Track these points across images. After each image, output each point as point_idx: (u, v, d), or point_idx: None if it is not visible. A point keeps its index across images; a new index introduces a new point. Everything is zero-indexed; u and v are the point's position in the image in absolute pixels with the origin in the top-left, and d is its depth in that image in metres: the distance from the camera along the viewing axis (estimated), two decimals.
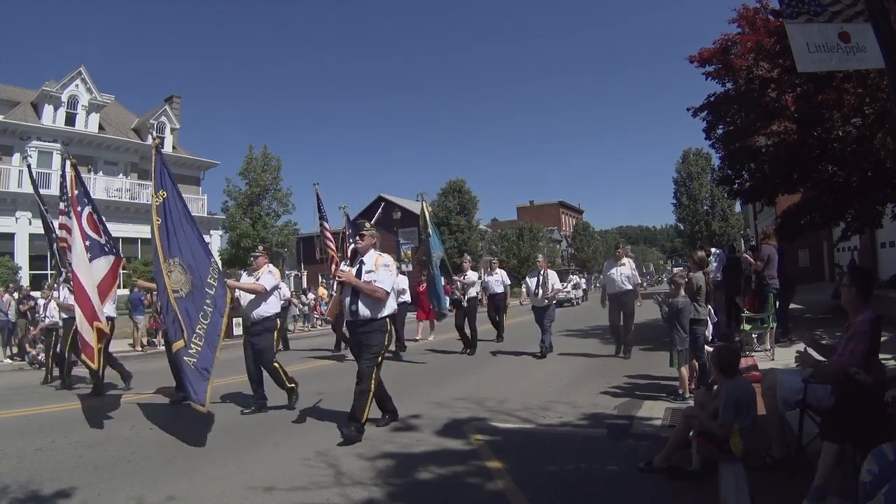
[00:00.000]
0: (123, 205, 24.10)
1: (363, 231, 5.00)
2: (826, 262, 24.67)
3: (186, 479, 3.79)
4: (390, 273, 4.81)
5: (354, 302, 4.70)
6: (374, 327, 4.70)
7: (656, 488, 3.37)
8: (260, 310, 5.81)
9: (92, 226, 6.59)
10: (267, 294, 5.84)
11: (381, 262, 4.81)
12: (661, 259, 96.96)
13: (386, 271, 4.78)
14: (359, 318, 4.70)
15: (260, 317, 5.82)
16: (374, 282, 4.69)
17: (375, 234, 5.12)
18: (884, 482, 2.19)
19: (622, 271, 8.63)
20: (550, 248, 50.91)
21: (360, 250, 4.98)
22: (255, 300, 5.81)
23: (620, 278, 8.59)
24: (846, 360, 3.02)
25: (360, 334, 4.76)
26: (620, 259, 8.76)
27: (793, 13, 4.12)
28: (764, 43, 9.04)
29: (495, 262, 12.16)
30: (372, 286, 4.67)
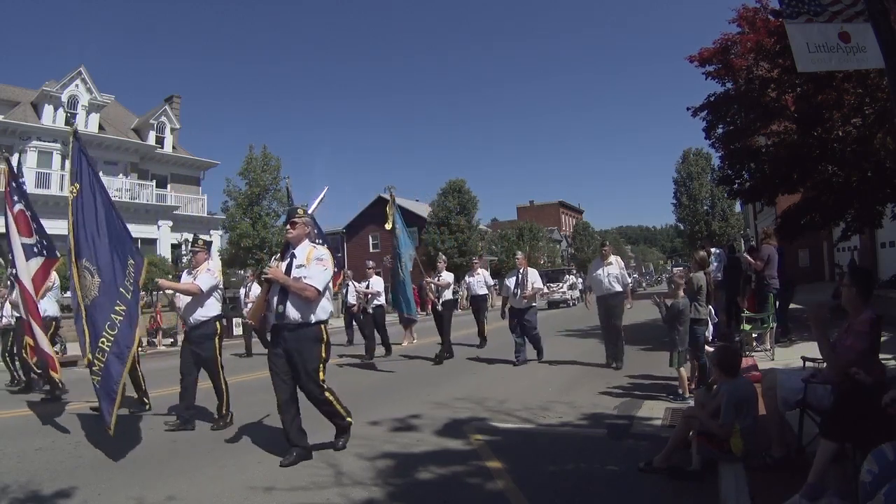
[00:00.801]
0: (123, 205, 24.06)
1: (294, 218, 4.25)
2: (826, 262, 24.68)
3: (186, 479, 3.79)
4: (324, 268, 4.07)
5: (282, 302, 4.02)
6: (306, 334, 4.01)
7: (656, 488, 3.37)
8: (197, 313, 5.21)
9: (23, 225, 6.10)
10: (204, 295, 5.20)
11: (314, 256, 4.09)
12: (661, 259, 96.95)
13: (319, 266, 4.06)
14: (286, 321, 4.01)
15: (197, 321, 5.21)
16: (304, 279, 4.00)
17: (310, 223, 4.48)
18: (884, 482, 2.19)
19: (610, 271, 7.83)
20: (550, 248, 50.93)
21: (291, 241, 4.25)
22: (193, 303, 5.22)
23: (608, 279, 7.80)
24: (844, 358, 3.02)
25: (289, 341, 4.05)
26: (607, 258, 7.97)
27: (793, 13, 4.13)
28: (764, 43, 9.04)
29: (476, 262, 11.52)
30: (301, 284, 3.97)
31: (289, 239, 4.24)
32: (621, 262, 8.09)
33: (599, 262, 8.08)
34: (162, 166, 27.35)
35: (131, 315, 4.38)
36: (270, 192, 22.94)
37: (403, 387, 7.25)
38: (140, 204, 24.83)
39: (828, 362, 3.18)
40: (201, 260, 5.39)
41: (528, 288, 8.37)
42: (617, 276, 7.82)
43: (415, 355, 10.10)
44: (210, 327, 5.23)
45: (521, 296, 8.39)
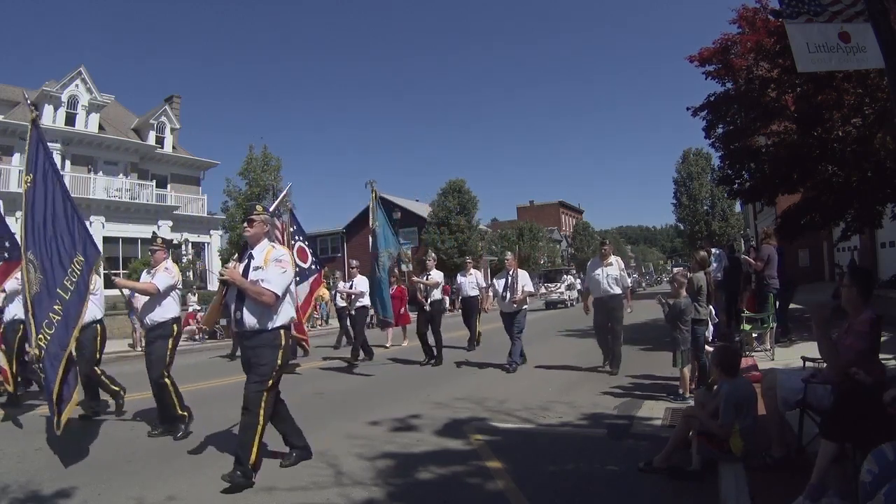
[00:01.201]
0: (123, 205, 24.10)
1: (252, 216, 3.96)
2: (826, 262, 24.67)
3: (186, 479, 3.79)
4: (282, 271, 3.77)
5: (239, 308, 3.74)
6: (263, 341, 3.72)
7: (656, 488, 3.37)
8: (154, 314, 5.01)
9: None
10: (161, 295, 5.00)
11: (272, 257, 3.80)
12: (661, 259, 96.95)
13: (277, 268, 3.76)
14: (244, 328, 3.74)
15: (154, 322, 5.00)
16: (262, 282, 3.71)
17: (269, 220, 4.14)
18: (884, 482, 2.19)
19: (609, 272, 7.39)
20: (550, 248, 50.92)
21: (249, 241, 3.96)
22: (149, 303, 5.03)
23: (607, 280, 7.35)
24: (844, 358, 3.02)
25: (247, 349, 3.81)
26: (607, 258, 7.50)
27: (793, 13, 4.12)
28: (764, 43, 9.04)
29: (469, 262, 11.12)
30: (257, 288, 3.67)
31: (246, 238, 3.98)
32: (621, 263, 7.65)
33: (598, 262, 7.62)
34: (162, 166, 27.33)
35: (69, 316, 4.16)
36: (270, 192, 22.93)
37: (403, 387, 7.25)
38: (140, 204, 24.81)
39: (828, 362, 3.18)
40: (160, 259, 5.20)
41: (518, 291, 7.98)
42: (616, 278, 7.39)
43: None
44: (167, 329, 5.01)
45: (511, 299, 7.97)
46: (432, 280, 9.23)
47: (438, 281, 9.30)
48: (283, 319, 3.81)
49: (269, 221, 4.04)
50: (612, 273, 7.42)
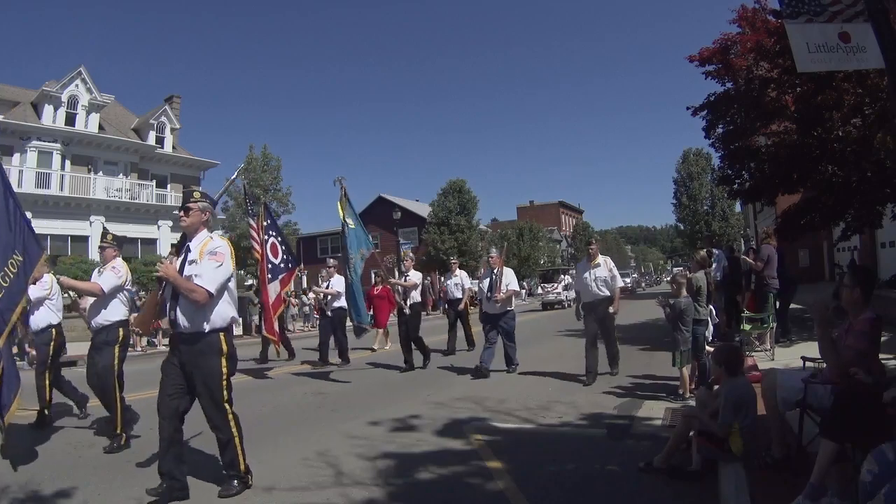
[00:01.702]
0: (123, 205, 24.11)
1: (189, 203, 3.52)
2: (826, 262, 24.68)
3: (186, 479, 3.78)
4: (217, 265, 3.33)
5: (174, 307, 3.36)
6: (201, 347, 3.34)
7: (656, 488, 3.37)
8: (99, 317, 4.68)
9: None
10: (106, 297, 4.65)
11: (208, 250, 3.37)
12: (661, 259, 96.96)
13: (211, 262, 3.32)
14: (179, 329, 3.37)
15: (99, 325, 4.68)
16: (195, 277, 3.29)
17: (209, 208, 3.60)
18: (884, 482, 2.19)
19: (597, 274, 6.88)
20: (550, 248, 50.92)
21: (186, 232, 3.53)
22: (95, 305, 4.72)
23: (595, 283, 6.86)
24: (844, 358, 3.02)
25: (183, 353, 3.40)
26: (594, 258, 6.99)
27: (793, 13, 4.12)
28: (764, 43, 9.03)
29: (455, 263, 10.66)
30: (189, 284, 3.26)
31: (183, 229, 3.54)
32: (610, 263, 7.09)
33: (586, 264, 7.12)
34: (162, 166, 27.33)
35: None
36: (270, 192, 22.95)
37: (403, 387, 7.25)
38: (140, 204, 24.81)
39: (828, 362, 3.17)
40: (109, 257, 4.84)
41: (501, 290, 7.54)
42: (605, 279, 6.87)
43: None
44: (111, 334, 4.65)
45: (494, 299, 7.53)
46: (410, 282, 8.73)
47: (416, 282, 8.81)
48: (222, 321, 3.40)
49: (208, 209, 3.59)
50: (601, 274, 6.90)
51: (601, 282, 6.88)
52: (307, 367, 9.33)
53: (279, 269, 8.30)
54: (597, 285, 6.88)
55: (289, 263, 8.50)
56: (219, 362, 3.38)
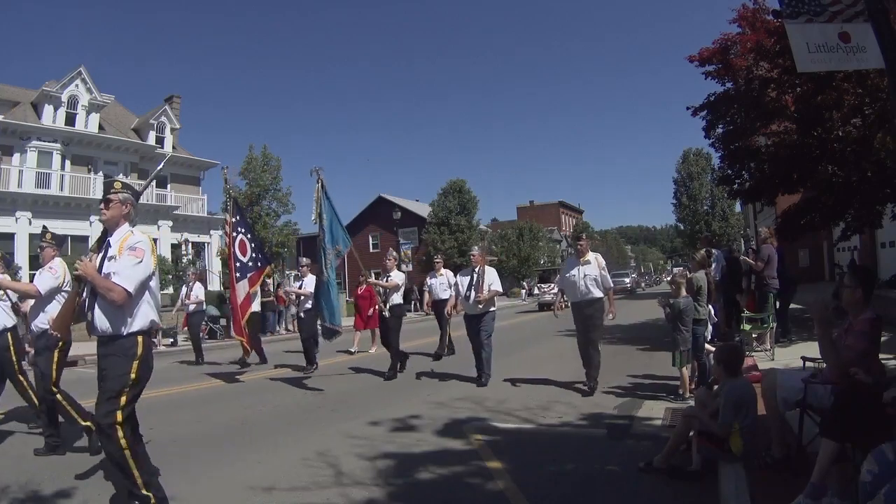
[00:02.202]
0: None
1: (109, 195, 3.26)
2: (826, 262, 24.69)
3: (186, 479, 3.78)
4: (136, 261, 3.04)
5: (91, 307, 3.10)
6: (115, 349, 3.03)
7: (656, 488, 3.37)
8: (38, 320, 4.45)
9: None
10: (44, 299, 4.41)
11: (127, 245, 3.09)
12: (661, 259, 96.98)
13: (131, 259, 3.04)
14: (97, 332, 3.10)
15: (39, 329, 4.42)
16: (113, 275, 3.01)
17: (130, 200, 3.33)
18: (884, 482, 2.19)
19: (587, 272, 6.31)
20: (550, 248, 50.92)
21: (106, 226, 3.26)
22: (34, 307, 4.51)
23: (584, 282, 6.29)
24: (844, 358, 3.02)
25: (100, 358, 3.12)
26: (584, 255, 6.42)
27: (793, 13, 4.12)
28: (764, 43, 9.03)
29: (439, 262, 10.17)
30: (106, 283, 2.98)
31: (103, 223, 3.26)
32: (602, 261, 6.53)
33: (574, 261, 6.54)
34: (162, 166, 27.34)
35: None
36: (270, 192, 22.93)
37: (403, 387, 7.25)
38: (140, 204, 24.48)
39: (828, 362, 3.18)
40: (48, 257, 4.60)
41: (483, 290, 7.06)
42: (596, 279, 6.31)
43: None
44: (50, 337, 4.25)
45: (476, 299, 7.04)
46: (391, 283, 8.16)
47: (398, 283, 8.22)
48: (141, 323, 3.10)
49: (129, 201, 3.31)
50: (591, 273, 6.32)
51: (591, 280, 6.30)
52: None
53: (247, 267, 8.00)
54: (586, 284, 6.30)
55: (258, 262, 8.15)
56: (129, 367, 3.02)
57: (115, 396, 2.97)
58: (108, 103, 25.70)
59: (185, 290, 11.03)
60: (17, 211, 21.18)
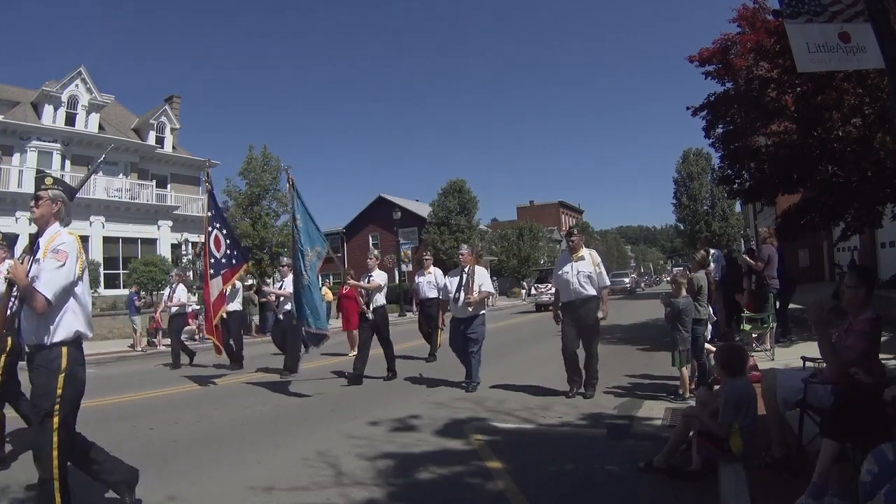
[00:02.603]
0: (123, 205, 24.10)
1: (39, 192, 3.01)
2: (826, 262, 24.70)
3: (186, 479, 3.79)
4: (57, 265, 2.80)
5: (18, 314, 2.91)
6: (39, 360, 2.82)
7: (656, 488, 3.37)
8: None
9: None
10: None
11: (52, 247, 2.84)
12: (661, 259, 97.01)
13: (52, 263, 2.79)
14: (24, 341, 2.96)
15: None
16: (34, 280, 2.78)
17: (60, 197, 3.05)
18: (883, 482, 2.18)
19: (580, 268, 5.89)
20: (550, 248, 50.93)
21: (37, 225, 3.00)
22: None
23: (577, 279, 5.87)
24: (844, 358, 3.03)
25: (29, 373, 2.91)
26: (577, 251, 6.02)
27: (793, 13, 4.12)
28: (764, 43, 9.04)
29: (428, 260, 9.57)
30: (29, 289, 2.76)
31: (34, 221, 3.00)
32: (597, 257, 6.11)
33: (567, 258, 6.09)
34: (162, 166, 27.34)
35: None
36: (270, 192, 22.90)
37: (403, 387, 7.24)
38: (140, 204, 24.80)
39: (828, 362, 3.18)
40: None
41: (472, 291, 6.56)
42: (590, 275, 5.88)
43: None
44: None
45: (465, 301, 6.56)
46: (374, 283, 7.69)
47: (381, 284, 7.75)
48: (65, 333, 2.83)
49: (60, 198, 3.03)
50: (584, 269, 5.90)
51: (584, 277, 5.88)
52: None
53: (221, 264, 7.65)
54: (579, 281, 5.87)
55: (233, 259, 7.73)
56: (55, 382, 2.77)
57: (45, 414, 2.75)
58: (108, 103, 25.71)
59: (168, 291, 10.79)
60: (18, 211, 21.17)
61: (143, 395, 7.28)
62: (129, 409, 6.29)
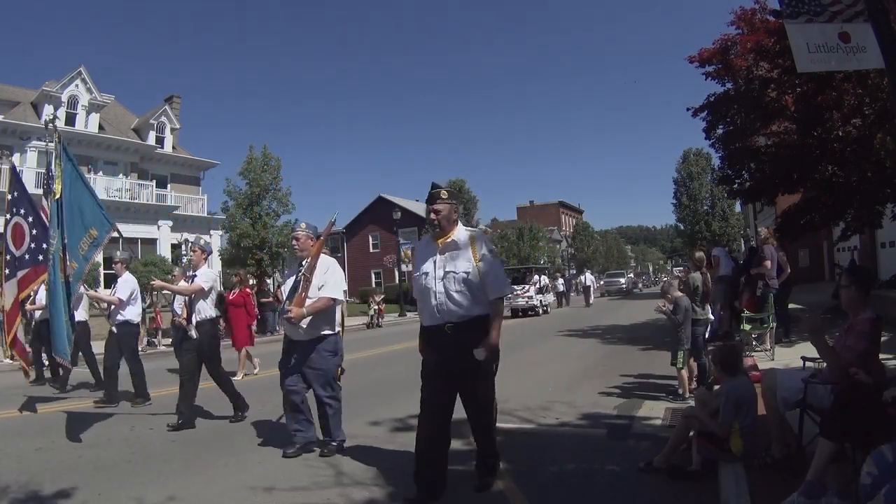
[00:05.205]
0: (124, 205, 24.07)
1: None
2: (826, 262, 24.70)
3: (186, 479, 3.79)
4: None
5: None
6: None
7: (656, 488, 3.37)
8: None
9: None
10: None
11: None
12: (661, 259, 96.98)
13: None
14: None
15: None
16: None
17: None
18: (883, 484, 2.18)
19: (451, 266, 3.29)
20: (550, 248, 50.96)
21: None
22: None
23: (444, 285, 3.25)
24: (844, 358, 3.03)
25: None
26: (448, 231, 3.36)
27: (793, 13, 4.12)
28: (764, 43, 9.05)
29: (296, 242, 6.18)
30: None
31: None
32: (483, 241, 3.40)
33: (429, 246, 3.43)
34: (162, 166, 27.34)
35: None
36: (270, 191, 22.90)
37: (403, 387, 7.22)
38: (140, 204, 24.80)
39: (828, 363, 3.18)
40: None
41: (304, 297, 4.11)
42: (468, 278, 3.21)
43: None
44: None
45: (288, 314, 4.10)
46: (194, 286, 5.36)
47: (202, 286, 5.36)
48: None
49: None
50: (461, 267, 3.24)
51: (459, 283, 3.20)
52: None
53: (22, 261, 5.93)
54: (447, 290, 3.22)
55: (38, 255, 5.84)
56: None
57: None
58: (108, 103, 25.69)
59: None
60: None
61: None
62: (127, 408, 6.28)
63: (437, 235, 3.41)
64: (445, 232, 3.37)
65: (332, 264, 4.39)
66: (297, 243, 4.42)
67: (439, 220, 3.35)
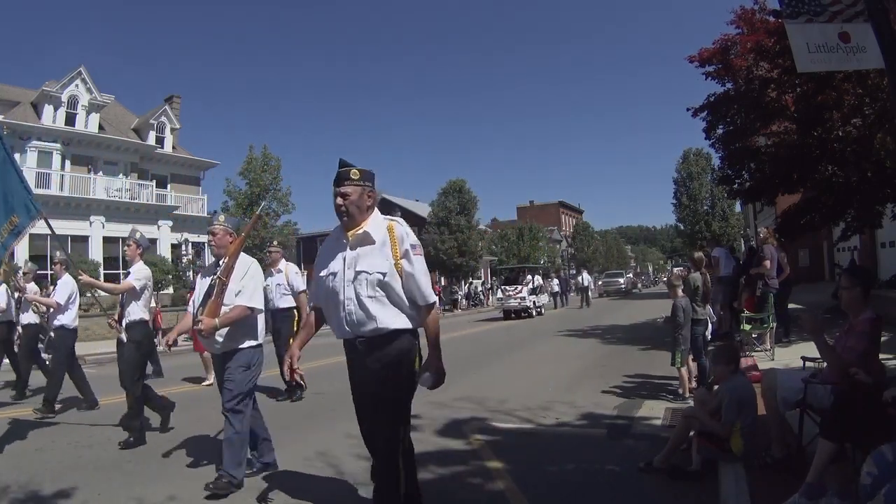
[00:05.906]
0: (123, 205, 24.09)
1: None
2: (826, 262, 24.69)
3: (187, 479, 3.79)
4: None
5: None
6: None
7: (656, 488, 3.37)
8: None
9: None
10: None
11: None
12: (661, 259, 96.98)
13: None
14: None
15: None
16: None
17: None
18: (883, 484, 2.18)
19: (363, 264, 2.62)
20: (550, 248, 50.94)
21: None
22: None
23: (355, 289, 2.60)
24: (845, 359, 3.03)
25: None
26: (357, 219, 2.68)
27: (793, 13, 4.12)
28: (764, 43, 9.04)
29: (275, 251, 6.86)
30: None
31: None
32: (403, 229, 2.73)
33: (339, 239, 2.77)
34: (162, 166, 27.35)
35: None
36: (270, 191, 22.92)
37: None
38: (140, 204, 24.81)
39: (828, 363, 3.18)
40: None
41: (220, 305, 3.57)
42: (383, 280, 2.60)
43: None
44: None
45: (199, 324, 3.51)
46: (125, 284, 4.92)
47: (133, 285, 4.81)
48: None
49: None
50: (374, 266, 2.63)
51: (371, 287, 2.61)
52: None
53: None
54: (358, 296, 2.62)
55: None
56: None
57: None
58: (108, 103, 25.70)
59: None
60: None
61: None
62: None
63: (346, 226, 2.70)
64: (356, 222, 2.67)
65: (251, 266, 3.78)
66: (214, 239, 3.77)
67: (347, 205, 2.64)
